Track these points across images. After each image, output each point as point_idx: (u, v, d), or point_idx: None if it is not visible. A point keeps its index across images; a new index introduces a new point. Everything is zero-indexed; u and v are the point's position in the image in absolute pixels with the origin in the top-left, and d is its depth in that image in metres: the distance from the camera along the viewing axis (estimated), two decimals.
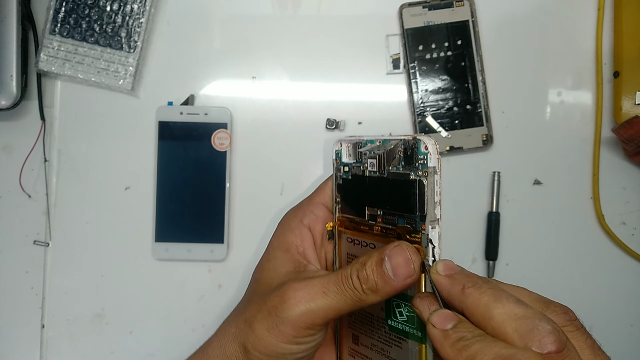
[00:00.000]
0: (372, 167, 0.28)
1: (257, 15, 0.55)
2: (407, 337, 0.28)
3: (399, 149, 0.27)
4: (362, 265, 0.27)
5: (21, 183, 0.54)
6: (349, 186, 0.30)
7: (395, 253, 0.26)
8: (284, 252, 0.32)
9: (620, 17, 0.52)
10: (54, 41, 0.53)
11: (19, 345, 0.54)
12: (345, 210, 0.31)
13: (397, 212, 0.27)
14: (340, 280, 0.27)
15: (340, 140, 0.31)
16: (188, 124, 0.53)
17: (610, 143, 0.54)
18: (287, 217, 0.34)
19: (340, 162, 0.31)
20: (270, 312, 0.28)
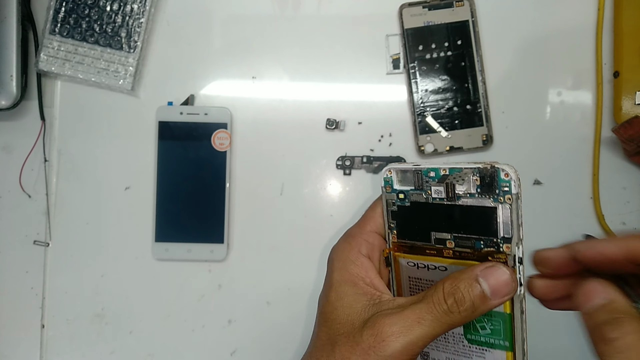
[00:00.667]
0: (437, 194, 0.29)
1: (257, 15, 0.55)
2: (492, 348, 0.29)
3: (473, 177, 0.28)
4: (454, 288, 0.27)
5: (21, 183, 0.54)
6: (407, 213, 0.30)
7: (492, 272, 0.27)
8: (352, 286, 0.31)
9: (620, 17, 0.52)
10: (54, 41, 0.53)
11: (19, 345, 0.54)
12: (402, 236, 0.31)
13: (473, 237, 0.28)
14: (434, 306, 0.28)
15: (391, 168, 0.31)
16: (188, 124, 0.53)
17: (610, 143, 0.54)
18: (342, 250, 0.32)
19: (392, 189, 0.31)
20: (368, 351, 0.28)
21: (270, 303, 0.54)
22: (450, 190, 0.29)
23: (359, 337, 0.28)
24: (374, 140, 0.54)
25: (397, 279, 0.32)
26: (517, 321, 0.29)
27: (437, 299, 0.28)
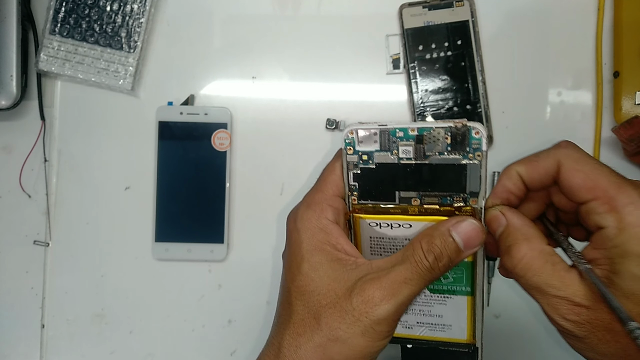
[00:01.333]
0: (405, 154, 0.29)
1: (257, 15, 0.55)
2: (454, 294, 0.31)
3: (444, 136, 0.28)
4: (432, 245, 0.28)
5: (21, 183, 0.54)
6: (371, 174, 0.30)
7: (463, 226, 0.28)
8: (325, 254, 0.30)
9: (620, 17, 0.52)
10: (54, 41, 0.53)
11: (19, 345, 0.54)
12: (364, 197, 0.31)
13: (441, 193, 0.29)
14: (417, 265, 0.28)
15: (353, 129, 0.30)
16: (188, 124, 0.53)
17: (610, 143, 0.54)
18: (309, 218, 0.31)
19: (354, 150, 0.30)
20: (360, 318, 0.28)
21: (270, 303, 0.54)
22: (419, 149, 0.29)
23: (347, 305, 0.28)
24: None
25: (357, 241, 0.32)
26: (479, 267, 0.30)
27: (419, 258, 0.28)
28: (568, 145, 0.29)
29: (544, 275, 0.27)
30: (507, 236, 0.28)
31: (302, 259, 0.31)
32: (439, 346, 0.32)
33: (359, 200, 0.31)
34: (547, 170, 0.29)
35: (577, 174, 0.27)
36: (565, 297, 0.26)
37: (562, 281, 0.27)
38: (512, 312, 0.54)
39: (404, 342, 0.32)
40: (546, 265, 0.27)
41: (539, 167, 0.29)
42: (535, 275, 0.27)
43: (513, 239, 0.28)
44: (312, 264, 0.30)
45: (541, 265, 0.27)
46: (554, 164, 0.28)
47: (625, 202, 0.26)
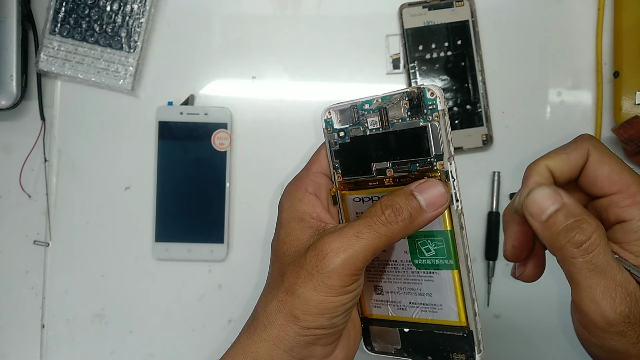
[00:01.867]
0: (373, 125, 0.30)
1: (257, 15, 0.55)
2: (438, 269, 0.31)
3: (403, 102, 0.29)
4: (391, 200, 0.28)
5: (21, 183, 0.54)
6: (348, 149, 0.32)
7: (427, 186, 0.28)
8: (299, 222, 0.32)
9: (620, 17, 0.52)
10: (54, 41, 0.53)
11: (19, 345, 0.54)
12: (346, 174, 0.32)
13: (409, 160, 0.30)
14: (372, 220, 0.28)
15: (330, 109, 0.32)
16: (188, 124, 0.53)
17: (610, 143, 0.54)
18: (290, 191, 0.34)
19: (333, 129, 0.32)
20: (311, 272, 0.29)
21: None
22: (384, 118, 0.30)
23: (302, 261, 0.29)
24: None
25: (346, 217, 0.33)
26: (458, 237, 0.30)
27: (375, 212, 0.29)
28: (592, 138, 0.29)
29: (608, 255, 0.26)
30: (572, 214, 0.26)
31: (280, 226, 0.33)
32: (434, 329, 0.31)
33: (343, 177, 0.32)
34: (577, 162, 0.28)
35: (604, 167, 0.27)
36: (622, 284, 0.25)
37: (620, 267, 0.26)
38: (512, 312, 0.54)
39: (400, 326, 0.33)
40: (608, 246, 0.26)
41: (570, 160, 0.29)
42: (603, 254, 0.26)
43: (581, 215, 0.26)
44: (287, 230, 0.32)
45: (606, 245, 0.26)
46: (584, 156, 0.28)
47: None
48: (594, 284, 0.26)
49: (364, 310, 0.34)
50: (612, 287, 0.25)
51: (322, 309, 0.29)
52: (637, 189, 0.26)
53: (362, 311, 0.34)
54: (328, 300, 0.28)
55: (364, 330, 0.34)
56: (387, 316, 0.33)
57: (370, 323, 0.34)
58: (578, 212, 0.26)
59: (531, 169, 0.30)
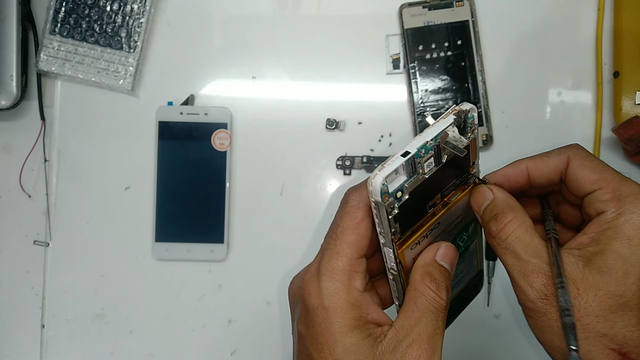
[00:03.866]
0: (429, 167, 0.27)
1: (257, 15, 0.55)
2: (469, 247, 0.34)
3: (452, 131, 0.27)
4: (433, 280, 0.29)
5: (21, 183, 0.54)
6: (407, 206, 0.27)
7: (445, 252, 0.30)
8: (358, 333, 0.28)
9: (621, 17, 0.52)
10: (54, 41, 0.53)
11: (19, 345, 0.54)
12: (404, 231, 0.28)
13: (454, 180, 0.30)
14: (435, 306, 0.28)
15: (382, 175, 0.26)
16: (188, 124, 0.53)
17: (610, 143, 0.54)
18: (336, 293, 0.28)
19: (389, 194, 0.26)
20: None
21: (270, 303, 0.54)
22: (438, 155, 0.27)
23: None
24: (374, 140, 0.54)
25: (404, 272, 0.30)
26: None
27: (434, 300, 0.28)
28: (578, 146, 0.30)
29: (523, 241, 0.28)
30: (494, 207, 0.29)
31: (335, 342, 0.28)
32: (463, 290, 0.35)
33: (400, 236, 0.28)
34: (556, 166, 0.30)
35: (585, 168, 0.29)
36: (537, 264, 0.27)
37: (536, 249, 0.28)
38: (512, 312, 0.54)
39: None
40: (526, 233, 0.28)
41: (549, 162, 0.30)
42: (516, 240, 0.28)
43: (500, 209, 0.29)
44: (347, 347, 0.27)
45: (523, 232, 0.28)
46: (564, 160, 0.30)
47: (627, 192, 0.27)
48: (511, 265, 0.28)
49: None
50: (526, 267, 0.27)
51: None
52: (617, 185, 0.28)
53: None
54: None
55: None
56: None
57: None
58: (500, 205, 0.29)
59: (512, 163, 0.32)
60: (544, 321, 0.27)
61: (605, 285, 0.26)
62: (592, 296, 0.26)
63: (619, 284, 0.25)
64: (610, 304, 0.25)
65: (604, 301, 0.25)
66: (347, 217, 0.29)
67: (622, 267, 0.26)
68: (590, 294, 0.26)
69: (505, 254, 0.28)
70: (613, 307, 0.25)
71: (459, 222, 0.32)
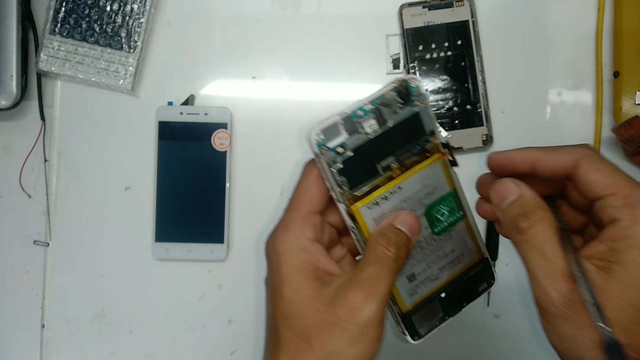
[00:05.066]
0: (371, 127, 0.31)
1: (257, 15, 0.55)
2: (454, 225, 0.34)
3: (393, 98, 0.31)
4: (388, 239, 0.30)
5: (21, 183, 0.54)
6: (352, 162, 0.31)
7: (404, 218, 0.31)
8: (305, 274, 0.30)
9: (621, 17, 0.52)
10: (54, 41, 0.53)
11: (19, 345, 0.54)
12: (354, 187, 0.31)
13: (408, 146, 0.32)
14: (383, 261, 0.29)
15: (317, 129, 0.31)
16: (188, 124, 0.53)
17: (610, 143, 0.54)
18: (287, 240, 0.31)
19: (329, 149, 0.31)
20: (347, 327, 0.28)
21: None
22: (379, 117, 0.31)
23: (333, 318, 0.28)
24: None
25: (363, 231, 0.32)
26: (460, 191, 0.34)
27: (383, 253, 0.30)
28: (589, 147, 0.30)
29: (552, 241, 0.28)
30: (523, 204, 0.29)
31: (282, 283, 0.30)
32: (463, 277, 0.34)
33: (351, 192, 0.31)
34: (564, 163, 0.30)
35: (596, 172, 0.28)
36: (565, 268, 0.27)
37: (564, 254, 0.27)
38: (512, 312, 0.54)
39: (437, 295, 0.34)
40: (555, 235, 0.28)
41: (557, 157, 0.30)
42: (545, 239, 0.28)
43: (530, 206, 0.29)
44: (294, 287, 0.30)
45: (552, 233, 0.28)
46: (572, 159, 0.29)
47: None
48: (537, 265, 0.28)
49: (402, 307, 0.34)
50: (553, 269, 0.27)
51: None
52: (630, 191, 0.27)
53: (400, 310, 0.34)
54: (366, 352, 0.28)
55: (407, 326, 0.34)
56: (425, 295, 0.34)
57: (412, 315, 0.34)
58: (530, 203, 0.29)
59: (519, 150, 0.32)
60: (565, 328, 0.27)
61: (630, 297, 0.26)
62: (617, 307, 0.26)
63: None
64: (635, 315, 0.25)
65: (629, 313, 0.25)
66: (302, 180, 0.32)
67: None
68: (615, 305, 0.26)
69: (531, 253, 0.28)
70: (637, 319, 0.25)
71: (431, 192, 0.33)
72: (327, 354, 0.28)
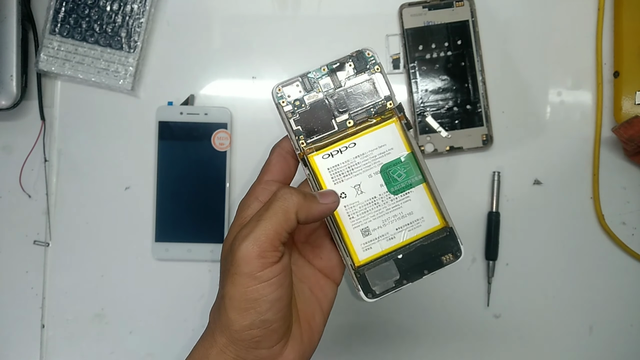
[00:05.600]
0: (326, 87, 0.36)
1: (257, 15, 0.55)
2: (411, 187, 0.36)
3: (348, 64, 0.36)
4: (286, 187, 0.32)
5: (21, 183, 0.54)
6: (308, 114, 0.36)
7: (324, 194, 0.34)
8: (237, 227, 0.33)
9: (620, 17, 0.52)
10: (54, 41, 0.53)
11: (19, 345, 0.54)
12: (310, 136, 0.36)
13: (365, 107, 0.36)
14: (269, 202, 0.31)
15: (279, 85, 0.36)
16: (188, 124, 0.53)
17: (610, 143, 0.54)
18: (242, 204, 0.35)
19: (287, 101, 0.36)
20: (228, 268, 0.30)
21: None
22: (335, 79, 0.36)
23: (225, 262, 0.31)
24: None
25: (318, 178, 0.35)
26: (418, 154, 0.36)
27: (272, 196, 0.31)
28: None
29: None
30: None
31: (226, 239, 0.34)
32: (423, 242, 0.35)
33: (306, 141, 0.35)
34: None
35: None
36: None
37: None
38: (512, 312, 0.54)
39: (394, 256, 0.35)
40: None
41: None
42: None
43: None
44: (229, 237, 0.33)
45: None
46: None
47: None
48: None
49: (355, 260, 0.35)
50: None
51: (245, 302, 0.29)
52: None
53: (353, 263, 0.35)
54: (247, 292, 0.29)
55: (360, 281, 0.35)
56: (380, 252, 0.35)
57: (365, 269, 0.35)
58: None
59: None
60: None
61: None
62: None
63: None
64: None
65: None
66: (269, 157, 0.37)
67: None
68: None
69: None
70: None
71: (386, 152, 0.35)
72: (222, 296, 0.31)
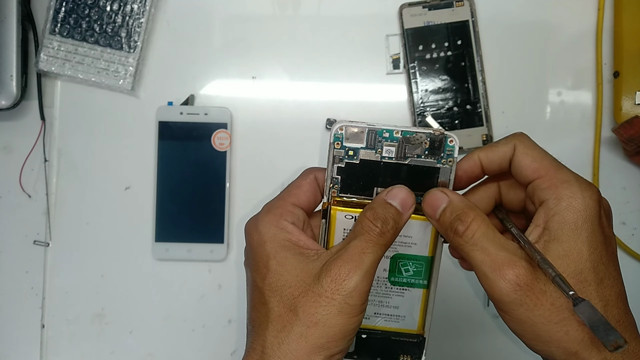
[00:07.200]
0: (388, 153, 0.32)
1: (257, 15, 0.55)
2: (411, 287, 0.34)
3: (424, 141, 0.32)
4: (375, 213, 0.31)
5: (21, 183, 0.54)
6: (354, 169, 0.32)
7: (395, 192, 0.31)
8: (289, 250, 0.32)
9: (620, 17, 0.52)
10: (54, 41, 0.53)
11: (19, 345, 0.54)
12: (344, 191, 0.33)
13: (416, 193, 0.32)
14: (369, 235, 0.30)
15: (343, 125, 0.32)
16: (188, 124, 0.53)
17: (610, 143, 0.54)
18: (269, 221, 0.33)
19: (342, 145, 0.32)
20: (332, 297, 0.29)
21: None
22: (401, 150, 0.32)
23: (319, 289, 0.29)
24: None
25: (330, 231, 0.33)
26: (437, 262, 0.34)
27: (368, 226, 0.30)
28: (522, 134, 0.33)
29: (489, 236, 0.29)
30: (454, 209, 0.31)
31: (268, 257, 0.31)
32: (391, 336, 0.35)
33: (338, 193, 0.33)
34: (504, 154, 0.32)
35: (527, 157, 0.31)
36: (507, 256, 0.29)
37: (502, 243, 0.29)
38: None
39: (359, 333, 0.35)
40: (490, 229, 0.30)
41: (498, 151, 0.32)
42: (482, 236, 0.29)
43: (460, 209, 0.30)
44: (279, 260, 0.31)
45: (487, 228, 0.30)
46: (511, 149, 0.32)
47: (562, 179, 0.30)
48: (481, 261, 0.29)
49: None
50: (496, 261, 0.29)
51: (346, 332, 0.29)
52: (554, 173, 0.30)
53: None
54: (351, 321, 0.29)
55: None
56: None
57: None
58: (460, 206, 0.30)
59: (464, 157, 0.33)
60: (520, 313, 0.28)
61: (567, 267, 0.28)
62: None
63: (576, 263, 0.28)
64: (573, 282, 0.28)
65: (570, 281, 0.27)
66: (298, 178, 0.35)
67: (575, 248, 0.28)
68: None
69: (473, 251, 0.29)
70: (576, 285, 0.28)
71: (407, 243, 0.33)
72: (313, 322, 0.29)
